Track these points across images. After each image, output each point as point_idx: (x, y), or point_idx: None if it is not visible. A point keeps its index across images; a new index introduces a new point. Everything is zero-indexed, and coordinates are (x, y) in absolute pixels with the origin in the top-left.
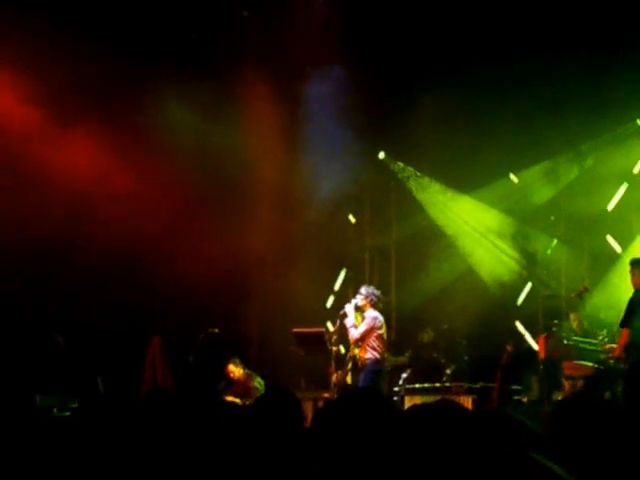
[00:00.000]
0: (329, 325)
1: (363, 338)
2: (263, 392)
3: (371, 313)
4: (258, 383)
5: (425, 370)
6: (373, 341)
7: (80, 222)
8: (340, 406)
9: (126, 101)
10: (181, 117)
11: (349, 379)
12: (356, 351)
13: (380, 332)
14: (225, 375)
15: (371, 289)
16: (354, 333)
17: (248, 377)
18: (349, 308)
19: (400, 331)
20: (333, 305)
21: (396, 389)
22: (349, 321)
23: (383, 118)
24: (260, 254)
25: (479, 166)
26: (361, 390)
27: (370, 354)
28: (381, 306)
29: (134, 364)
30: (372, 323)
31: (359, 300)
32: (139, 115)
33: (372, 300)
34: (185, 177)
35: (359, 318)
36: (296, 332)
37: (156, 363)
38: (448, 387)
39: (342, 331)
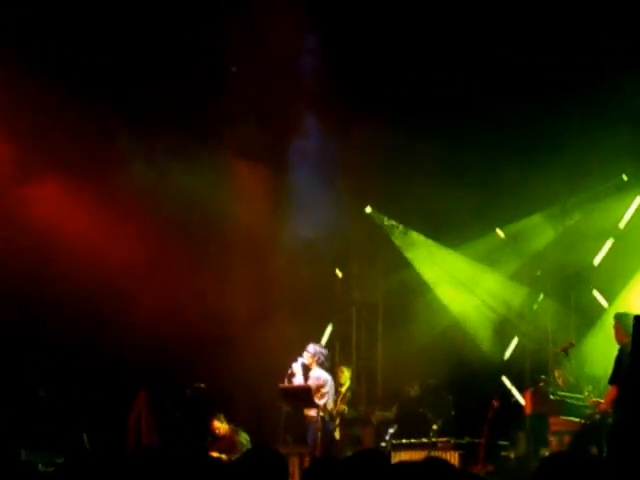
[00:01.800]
0: None
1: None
2: (249, 447)
3: (315, 372)
4: (244, 438)
5: (412, 425)
6: (318, 400)
7: (52, 274)
8: (328, 465)
9: (99, 149)
10: (160, 167)
11: (337, 434)
12: (343, 407)
13: (324, 390)
14: (211, 431)
15: (318, 347)
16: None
17: (233, 432)
18: (297, 367)
19: (387, 385)
20: None
21: (383, 444)
22: (297, 380)
23: (370, 172)
24: (245, 308)
25: (466, 220)
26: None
27: (314, 411)
28: (327, 365)
29: (119, 419)
30: (315, 383)
31: (306, 358)
32: (115, 165)
33: (319, 359)
34: (164, 229)
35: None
36: (282, 388)
37: (142, 418)
38: (435, 443)
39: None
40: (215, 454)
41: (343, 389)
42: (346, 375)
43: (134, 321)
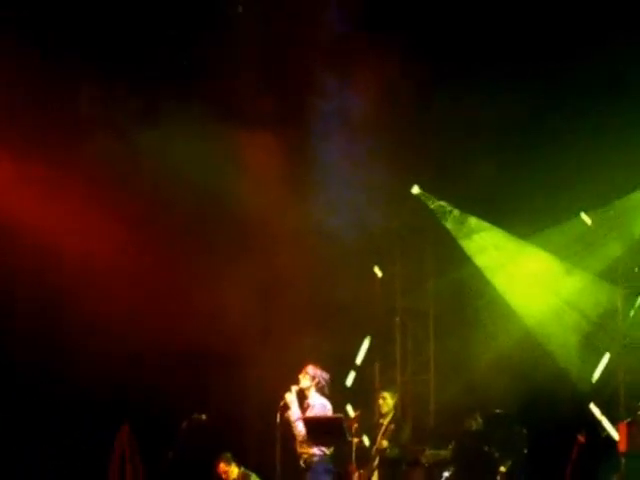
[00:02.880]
0: (349, 410)
1: None
2: None
3: (317, 399)
4: None
5: (473, 467)
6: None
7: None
8: None
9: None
10: (139, 134)
11: (375, 479)
12: (384, 444)
13: None
14: (215, 476)
15: (319, 370)
16: (301, 428)
17: (244, 478)
18: (291, 398)
19: (440, 417)
20: (355, 384)
21: None
22: (294, 413)
23: (418, 143)
24: (256, 317)
25: (540, 204)
26: None
27: (317, 449)
28: (328, 393)
29: (94, 463)
30: (321, 411)
31: (303, 382)
32: (80, 133)
33: (319, 383)
34: (144, 213)
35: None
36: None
37: (126, 461)
38: None
39: (286, 427)
40: None
41: (385, 420)
42: (389, 403)
43: (105, 328)
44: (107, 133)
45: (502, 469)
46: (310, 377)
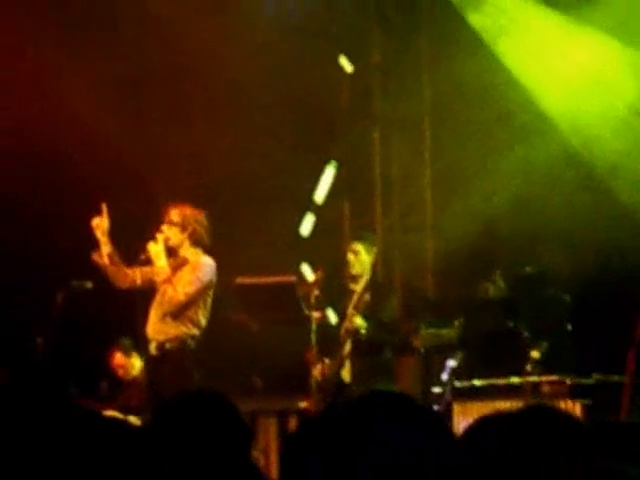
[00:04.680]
0: (306, 270)
1: (188, 305)
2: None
3: (200, 257)
4: None
5: (491, 353)
6: (196, 310)
7: None
8: (332, 430)
9: None
10: None
11: (347, 374)
12: (358, 321)
13: (209, 292)
14: (109, 372)
15: (189, 211)
16: (180, 295)
17: None
18: (157, 249)
19: (442, 279)
20: (314, 232)
21: (437, 390)
22: (160, 271)
23: None
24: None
25: None
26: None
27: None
28: (208, 242)
29: None
30: (205, 277)
31: (172, 238)
32: None
33: (195, 232)
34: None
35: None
36: (241, 284)
37: None
38: (536, 384)
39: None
40: (111, 412)
41: (358, 286)
42: (363, 259)
43: None
44: None
45: (534, 354)
46: (179, 227)
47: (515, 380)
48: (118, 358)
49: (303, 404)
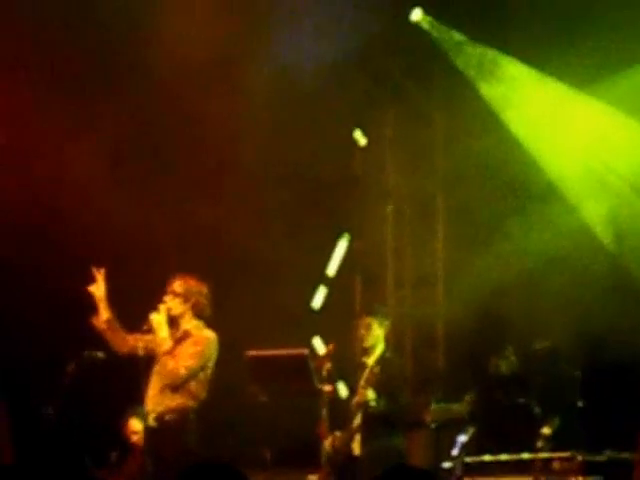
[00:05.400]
0: (318, 343)
1: (189, 378)
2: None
3: (202, 331)
4: None
5: (502, 428)
6: (196, 384)
7: None
8: None
9: None
10: None
11: (357, 446)
12: (369, 394)
13: (210, 365)
14: (123, 439)
15: (192, 282)
16: (181, 369)
17: None
18: (158, 319)
19: (454, 355)
20: (326, 305)
21: (446, 465)
22: (162, 342)
23: None
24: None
25: (602, 35)
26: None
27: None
28: (210, 313)
29: None
30: (207, 351)
31: (174, 308)
32: None
33: (197, 303)
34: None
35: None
36: (253, 357)
37: None
38: (547, 461)
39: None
40: None
41: (370, 359)
42: (376, 333)
43: None
44: None
45: (545, 430)
46: (182, 298)
47: (526, 456)
48: (133, 425)
49: (313, 477)
